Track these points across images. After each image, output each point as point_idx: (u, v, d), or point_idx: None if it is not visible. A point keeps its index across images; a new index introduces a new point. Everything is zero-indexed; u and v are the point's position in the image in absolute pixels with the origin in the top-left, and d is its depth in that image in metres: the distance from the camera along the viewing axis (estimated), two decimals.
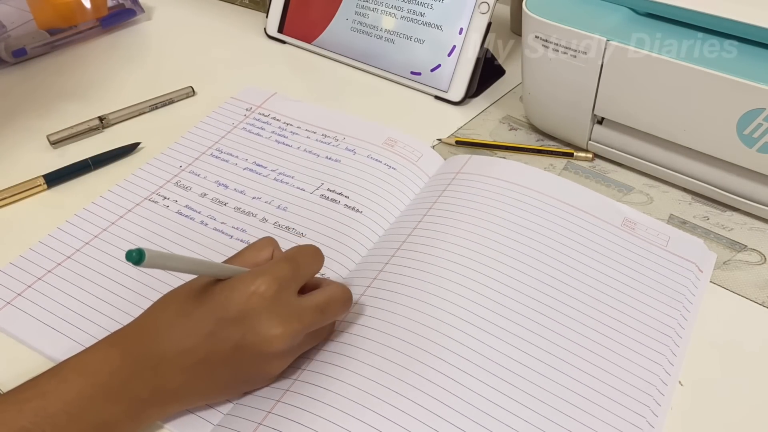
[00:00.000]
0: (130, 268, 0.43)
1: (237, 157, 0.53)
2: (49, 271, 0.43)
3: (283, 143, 0.54)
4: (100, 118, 0.57)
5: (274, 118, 0.57)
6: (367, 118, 0.56)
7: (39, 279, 0.43)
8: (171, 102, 0.61)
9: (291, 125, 0.56)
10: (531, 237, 0.44)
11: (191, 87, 0.62)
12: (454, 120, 0.58)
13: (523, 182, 0.48)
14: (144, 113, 0.60)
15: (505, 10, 0.71)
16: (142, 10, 0.73)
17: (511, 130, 0.58)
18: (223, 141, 0.54)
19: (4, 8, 0.70)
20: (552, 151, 0.54)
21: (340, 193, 0.49)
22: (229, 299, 0.33)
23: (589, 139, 0.53)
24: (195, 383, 0.34)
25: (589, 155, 0.54)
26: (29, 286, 0.42)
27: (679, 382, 0.38)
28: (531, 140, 0.56)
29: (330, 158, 0.52)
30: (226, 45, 0.70)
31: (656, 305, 0.41)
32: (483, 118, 0.59)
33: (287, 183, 0.50)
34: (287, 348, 0.34)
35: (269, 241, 0.38)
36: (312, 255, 0.37)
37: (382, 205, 0.48)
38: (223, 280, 0.34)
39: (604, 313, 0.40)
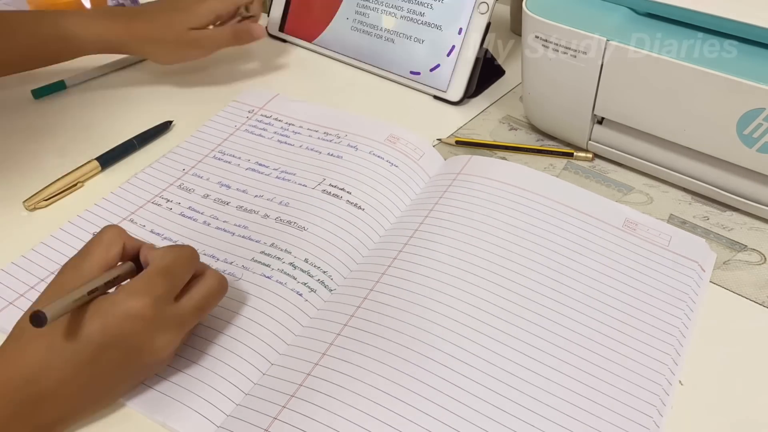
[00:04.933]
0: None
1: (239, 158, 0.53)
2: (52, 273, 0.43)
3: (285, 143, 0.54)
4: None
5: (276, 119, 0.57)
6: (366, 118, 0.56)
7: (41, 280, 0.43)
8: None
9: (293, 125, 0.56)
10: (533, 240, 0.44)
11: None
12: (453, 120, 0.58)
13: (524, 184, 0.48)
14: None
15: (505, 10, 0.71)
16: None
17: (511, 130, 0.58)
18: (225, 143, 0.55)
19: (4, 8, 0.70)
20: (552, 151, 0.54)
21: (342, 189, 0.49)
22: (105, 325, 0.32)
23: (589, 139, 0.53)
24: (80, 406, 0.34)
25: (589, 155, 0.54)
26: (32, 287, 0.42)
27: (680, 381, 0.38)
28: (531, 140, 0.56)
29: (332, 154, 0.52)
30: None
31: (660, 305, 0.41)
32: (483, 118, 0.59)
33: (289, 180, 0.50)
34: (172, 351, 0.35)
35: (115, 234, 0.36)
36: (188, 260, 0.36)
37: (383, 203, 0.48)
38: (89, 304, 0.33)
39: (608, 314, 0.40)
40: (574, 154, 0.54)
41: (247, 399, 0.36)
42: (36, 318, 0.29)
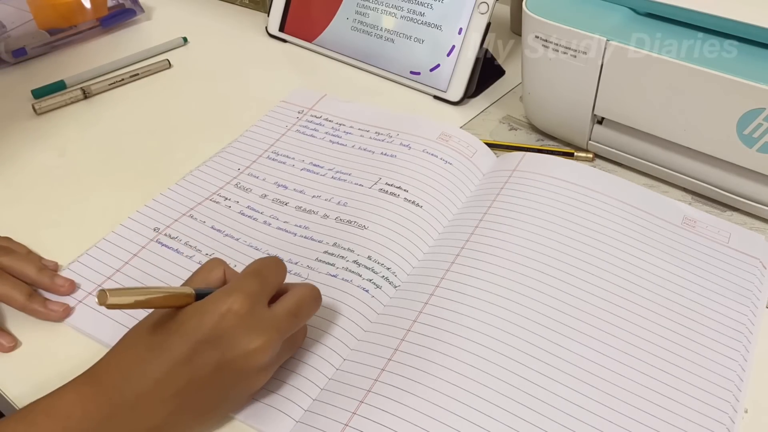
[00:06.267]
0: (195, 266, 0.44)
1: (293, 158, 0.53)
2: (118, 270, 0.44)
3: (338, 143, 0.54)
4: (83, 89, 0.61)
5: (326, 119, 0.57)
6: None
7: (108, 278, 0.43)
8: (149, 73, 0.65)
9: (344, 125, 0.56)
10: (593, 236, 0.44)
11: (167, 60, 0.66)
12: (453, 120, 0.58)
13: (580, 181, 0.48)
14: (125, 84, 0.63)
15: (505, 10, 0.71)
16: (142, 10, 0.73)
17: (511, 130, 0.58)
18: (278, 144, 0.55)
19: (4, 8, 0.70)
20: (552, 151, 0.54)
21: (398, 187, 0.49)
22: (202, 322, 0.32)
23: (589, 139, 0.53)
24: (178, 415, 0.32)
25: (590, 155, 0.54)
26: (99, 285, 0.43)
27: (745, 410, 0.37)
28: (531, 140, 0.56)
29: (385, 154, 0.52)
30: (227, 44, 0.70)
31: (725, 302, 0.41)
32: (483, 118, 0.59)
33: (345, 180, 0.50)
34: (269, 359, 0.33)
35: (218, 262, 0.37)
36: (275, 265, 0.36)
37: (440, 200, 0.48)
38: (188, 306, 0.33)
39: (674, 311, 0.40)
40: (575, 154, 0.54)
41: (323, 394, 0.37)
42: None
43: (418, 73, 0.61)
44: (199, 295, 0.34)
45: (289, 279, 0.43)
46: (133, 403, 0.31)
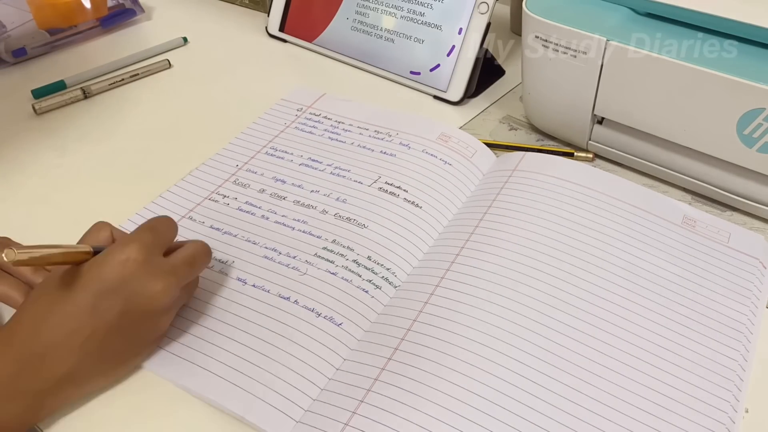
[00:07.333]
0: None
1: (292, 154, 0.53)
2: None
3: (337, 140, 0.54)
4: (83, 89, 0.61)
5: (325, 117, 0.57)
6: None
7: None
8: (149, 73, 0.65)
9: (342, 123, 0.56)
10: (594, 236, 0.44)
11: (167, 60, 0.66)
12: (453, 120, 0.58)
13: (581, 181, 0.47)
14: (125, 83, 0.63)
15: (505, 10, 0.71)
16: (142, 10, 0.74)
17: (511, 130, 0.58)
18: (276, 140, 0.55)
19: (4, 8, 0.70)
20: (552, 151, 0.54)
21: (398, 187, 0.49)
22: (102, 272, 0.34)
23: (589, 139, 0.53)
24: (87, 362, 0.34)
25: (590, 155, 0.54)
26: None
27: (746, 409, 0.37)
28: (531, 140, 0.56)
29: (385, 153, 0.52)
30: (227, 44, 0.70)
31: (725, 301, 0.41)
32: (483, 118, 0.59)
33: (344, 176, 0.50)
34: (170, 302, 0.36)
35: (104, 224, 0.40)
36: (167, 222, 0.39)
37: (440, 200, 0.48)
38: (87, 261, 0.35)
39: (674, 310, 0.40)
40: (575, 154, 0.54)
41: (323, 394, 0.37)
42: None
43: (418, 73, 0.61)
44: (96, 252, 0.36)
45: (288, 273, 0.43)
46: (42, 354, 0.33)
